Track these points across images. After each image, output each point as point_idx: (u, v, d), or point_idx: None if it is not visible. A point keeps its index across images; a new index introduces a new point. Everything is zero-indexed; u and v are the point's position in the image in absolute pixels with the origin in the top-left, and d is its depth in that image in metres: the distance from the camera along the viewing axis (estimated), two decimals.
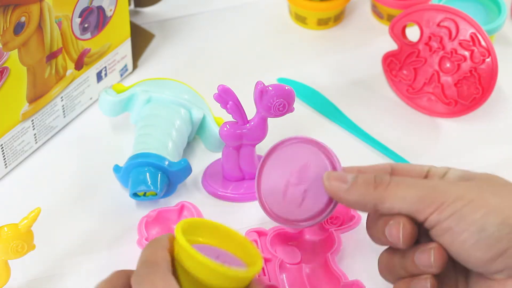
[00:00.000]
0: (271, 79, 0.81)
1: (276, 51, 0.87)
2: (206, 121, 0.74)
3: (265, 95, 0.66)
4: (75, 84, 0.76)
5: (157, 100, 0.74)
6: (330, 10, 0.88)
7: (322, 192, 0.58)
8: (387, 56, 0.81)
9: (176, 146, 0.71)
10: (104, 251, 0.68)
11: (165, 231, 0.67)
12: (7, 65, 0.67)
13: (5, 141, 0.71)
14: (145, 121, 0.73)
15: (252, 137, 0.69)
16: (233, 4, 0.92)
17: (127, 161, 0.70)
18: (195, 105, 0.74)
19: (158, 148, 0.70)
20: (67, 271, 0.66)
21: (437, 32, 0.77)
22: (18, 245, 0.59)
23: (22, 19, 0.66)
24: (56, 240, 0.68)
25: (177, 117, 0.72)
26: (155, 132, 0.71)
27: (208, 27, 0.89)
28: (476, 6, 0.84)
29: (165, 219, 0.68)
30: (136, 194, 0.69)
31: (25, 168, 0.74)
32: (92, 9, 0.73)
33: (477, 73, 0.76)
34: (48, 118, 0.75)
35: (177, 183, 0.70)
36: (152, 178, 0.68)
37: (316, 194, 0.59)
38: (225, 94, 0.66)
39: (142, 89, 0.74)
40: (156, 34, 0.88)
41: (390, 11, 0.88)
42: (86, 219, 0.70)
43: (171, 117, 0.72)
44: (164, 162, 0.69)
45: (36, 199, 0.71)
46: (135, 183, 0.69)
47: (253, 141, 0.69)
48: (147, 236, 0.66)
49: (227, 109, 0.67)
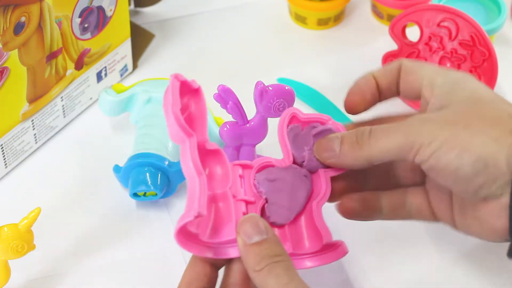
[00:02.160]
0: (271, 79, 0.81)
1: (276, 51, 0.87)
2: None
3: (265, 95, 0.66)
4: (75, 84, 0.76)
5: (157, 100, 0.74)
6: (330, 10, 0.88)
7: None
8: (387, 56, 0.81)
9: (176, 146, 0.71)
10: (104, 251, 0.68)
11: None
12: (7, 65, 0.67)
13: (5, 141, 0.71)
14: (145, 121, 0.73)
15: (252, 137, 0.69)
16: (233, 4, 0.92)
17: (127, 161, 0.70)
18: None
19: (158, 148, 0.70)
20: (67, 271, 0.66)
21: (437, 32, 0.77)
22: (18, 245, 0.59)
23: (22, 19, 0.66)
24: (56, 240, 0.68)
25: None
26: (155, 132, 0.71)
27: (208, 27, 0.89)
28: (476, 6, 0.84)
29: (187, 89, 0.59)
30: (136, 194, 0.69)
31: (25, 168, 0.74)
32: (92, 9, 0.73)
33: (477, 73, 0.76)
34: (48, 118, 0.75)
35: (177, 183, 0.70)
36: (152, 178, 0.68)
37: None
38: (225, 94, 0.66)
39: (142, 89, 0.75)
40: (156, 34, 0.88)
41: (390, 11, 0.88)
42: (86, 219, 0.70)
43: None
44: (164, 162, 0.69)
45: (36, 199, 0.71)
46: (135, 183, 0.69)
47: (253, 141, 0.69)
48: (180, 106, 0.55)
49: (227, 109, 0.67)
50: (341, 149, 0.57)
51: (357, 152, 0.56)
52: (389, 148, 0.55)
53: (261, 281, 0.51)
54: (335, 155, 0.57)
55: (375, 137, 0.56)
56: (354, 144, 0.56)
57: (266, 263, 0.51)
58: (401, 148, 0.55)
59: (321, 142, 0.59)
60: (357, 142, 0.56)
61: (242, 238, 0.52)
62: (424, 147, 0.54)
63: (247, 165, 0.59)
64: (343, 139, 0.57)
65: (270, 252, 0.51)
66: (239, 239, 0.52)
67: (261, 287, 0.51)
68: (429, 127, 0.54)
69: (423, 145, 0.54)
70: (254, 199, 0.57)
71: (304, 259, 0.56)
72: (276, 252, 0.51)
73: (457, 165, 0.53)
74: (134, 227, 0.69)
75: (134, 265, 0.67)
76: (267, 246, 0.52)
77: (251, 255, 0.51)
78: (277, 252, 0.51)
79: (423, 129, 0.54)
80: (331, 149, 0.58)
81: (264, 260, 0.51)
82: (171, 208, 0.71)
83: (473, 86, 0.57)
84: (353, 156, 0.57)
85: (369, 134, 0.56)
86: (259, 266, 0.51)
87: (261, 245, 0.52)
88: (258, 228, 0.52)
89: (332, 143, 0.58)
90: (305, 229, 0.58)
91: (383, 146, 0.55)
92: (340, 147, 0.57)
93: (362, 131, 0.57)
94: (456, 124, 0.54)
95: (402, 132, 0.55)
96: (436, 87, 0.57)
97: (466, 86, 0.57)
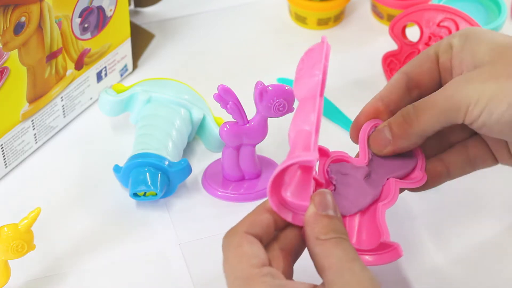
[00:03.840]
0: (271, 79, 0.81)
1: (276, 51, 0.87)
2: (206, 121, 0.74)
3: (265, 95, 0.66)
4: (75, 84, 0.76)
5: (157, 100, 0.74)
6: (330, 10, 0.88)
7: None
8: (387, 56, 0.81)
9: (176, 146, 0.71)
10: (104, 251, 0.68)
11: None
12: (7, 65, 0.67)
13: (5, 141, 0.71)
14: (145, 121, 0.73)
15: (252, 137, 0.69)
16: (233, 4, 0.92)
17: (127, 161, 0.70)
18: (195, 105, 0.74)
19: (158, 148, 0.70)
20: (67, 271, 0.66)
21: (437, 32, 0.77)
22: (18, 245, 0.59)
23: (22, 19, 0.66)
24: (56, 240, 0.68)
25: (177, 117, 0.72)
26: (155, 132, 0.71)
27: (208, 27, 0.89)
28: (476, 6, 0.84)
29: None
30: (136, 194, 0.69)
31: (25, 168, 0.74)
32: (92, 9, 0.73)
33: None
34: (48, 118, 0.75)
35: (177, 183, 0.70)
36: (152, 178, 0.68)
37: None
38: (225, 94, 0.66)
39: (142, 89, 0.74)
40: (156, 34, 0.88)
41: (390, 11, 0.88)
42: (86, 219, 0.70)
43: (171, 117, 0.72)
44: (164, 162, 0.69)
45: (36, 199, 0.71)
46: (135, 183, 0.69)
47: (253, 141, 0.69)
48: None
49: (227, 109, 0.67)
50: (392, 134, 0.58)
51: (408, 130, 0.57)
52: (437, 117, 0.56)
53: (326, 250, 0.51)
54: (389, 142, 0.58)
55: (420, 111, 0.56)
56: (403, 124, 0.57)
57: (334, 236, 0.51)
58: (448, 113, 0.55)
59: (373, 136, 0.60)
60: (405, 121, 0.57)
61: (315, 207, 0.52)
62: (472, 106, 0.54)
63: (324, 150, 0.60)
64: (391, 124, 0.58)
65: (338, 228, 0.52)
66: (311, 208, 0.53)
67: (323, 255, 0.51)
68: (472, 86, 0.55)
69: (470, 104, 0.54)
70: (323, 182, 0.58)
71: (363, 254, 0.56)
72: (343, 231, 0.52)
73: (509, 116, 0.54)
74: (134, 227, 0.69)
75: (134, 265, 0.67)
76: (336, 222, 0.52)
77: (320, 224, 0.52)
78: (343, 231, 0.52)
79: (466, 89, 0.55)
80: (383, 138, 0.59)
81: (332, 232, 0.51)
82: (171, 208, 0.71)
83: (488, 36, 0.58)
84: (405, 137, 0.57)
85: (414, 110, 0.57)
86: (326, 236, 0.51)
87: (331, 219, 0.52)
88: (330, 205, 0.53)
89: (383, 133, 0.59)
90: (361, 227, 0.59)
91: (431, 117, 0.56)
92: (391, 132, 0.58)
93: (406, 110, 0.57)
94: (498, 77, 0.54)
95: (445, 98, 0.56)
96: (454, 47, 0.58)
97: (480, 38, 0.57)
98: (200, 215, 0.71)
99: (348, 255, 0.50)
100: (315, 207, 0.53)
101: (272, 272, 0.51)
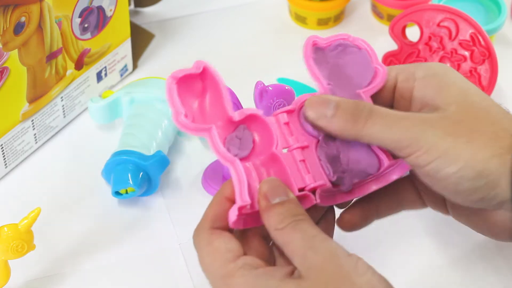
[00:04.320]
0: (271, 79, 0.81)
1: (276, 51, 0.87)
2: None
3: (265, 95, 0.66)
4: (75, 84, 0.76)
5: (139, 100, 0.74)
6: (330, 10, 0.88)
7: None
8: (387, 56, 0.81)
9: (159, 143, 0.71)
10: (104, 251, 0.68)
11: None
12: (7, 65, 0.67)
13: (5, 141, 0.71)
14: (128, 121, 0.73)
15: None
16: (233, 4, 0.92)
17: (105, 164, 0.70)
18: None
19: (137, 146, 0.70)
20: (67, 271, 0.66)
21: (437, 32, 0.77)
22: (18, 245, 0.59)
23: (22, 19, 0.66)
24: (56, 240, 0.68)
25: (159, 113, 0.73)
26: (136, 131, 0.72)
27: (208, 27, 0.89)
28: (476, 6, 0.84)
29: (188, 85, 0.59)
30: (119, 193, 0.69)
31: (25, 168, 0.74)
32: (92, 9, 0.73)
33: (477, 73, 0.76)
34: (48, 118, 0.75)
35: (157, 176, 0.70)
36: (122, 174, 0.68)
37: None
38: None
39: (125, 91, 0.75)
40: (156, 34, 0.88)
41: (390, 11, 0.88)
42: (86, 219, 0.70)
43: (153, 114, 0.73)
44: (138, 157, 0.69)
45: (36, 199, 0.71)
46: (114, 183, 0.69)
47: None
48: (184, 112, 0.53)
49: None
50: (334, 115, 0.54)
51: (348, 126, 0.53)
52: (383, 138, 0.53)
53: (285, 238, 0.50)
54: (326, 119, 0.54)
55: (372, 121, 0.53)
56: (349, 118, 0.53)
57: (289, 221, 0.50)
58: (396, 143, 0.52)
59: (313, 100, 0.55)
60: (352, 117, 0.53)
61: (263, 200, 0.51)
62: (421, 152, 0.52)
63: (289, 110, 0.56)
64: (338, 106, 0.54)
65: (293, 211, 0.51)
66: (261, 202, 0.51)
67: (284, 244, 0.50)
68: (430, 132, 0.52)
69: (422, 148, 0.52)
70: (307, 143, 0.55)
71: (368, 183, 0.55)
72: (299, 212, 0.51)
73: (456, 179, 0.51)
74: (134, 227, 0.69)
75: (134, 265, 0.67)
76: (290, 206, 0.51)
77: (273, 215, 0.51)
78: (299, 212, 0.51)
79: (423, 132, 0.52)
80: (322, 111, 0.54)
81: (287, 219, 0.50)
82: (171, 208, 0.71)
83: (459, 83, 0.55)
84: (343, 128, 0.53)
85: (368, 114, 0.53)
86: (281, 224, 0.50)
87: (283, 205, 0.51)
88: (279, 190, 0.52)
89: (325, 106, 0.54)
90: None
91: (378, 133, 0.53)
92: (334, 113, 0.54)
93: (362, 107, 0.53)
94: (459, 135, 0.52)
95: (402, 128, 0.52)
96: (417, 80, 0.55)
97: (449, 81, 0.55)
98: (200, 215, 0.70)
99: (306, 235, 0.49)
100: (263, 199, 0.51)
101: (248, 261, 0.50)
